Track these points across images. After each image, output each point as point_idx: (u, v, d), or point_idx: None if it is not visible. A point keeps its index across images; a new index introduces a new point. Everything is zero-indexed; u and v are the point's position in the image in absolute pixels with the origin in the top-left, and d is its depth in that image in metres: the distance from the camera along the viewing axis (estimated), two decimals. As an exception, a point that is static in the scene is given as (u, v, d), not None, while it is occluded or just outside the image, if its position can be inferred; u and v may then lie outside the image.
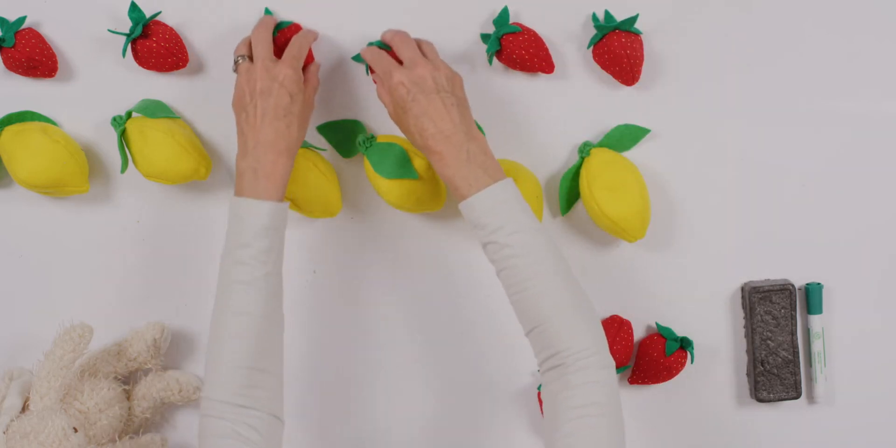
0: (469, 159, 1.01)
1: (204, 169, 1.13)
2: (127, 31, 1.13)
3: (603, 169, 1.13)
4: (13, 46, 1.12)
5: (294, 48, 1.08)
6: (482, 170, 1.01)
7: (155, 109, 1.14)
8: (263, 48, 1.07)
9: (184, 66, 1.14)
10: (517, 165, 1.14)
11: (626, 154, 1.16)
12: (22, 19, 1.13)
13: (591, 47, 1.13)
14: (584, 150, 1.15)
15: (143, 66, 1.14)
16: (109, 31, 1.13)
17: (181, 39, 1.13)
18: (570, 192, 1.16)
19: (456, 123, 1.02)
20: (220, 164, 1.18)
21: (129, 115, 1.13)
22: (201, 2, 1.15)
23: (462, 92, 1.06)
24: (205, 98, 1.16)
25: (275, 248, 1.02)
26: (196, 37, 1.15)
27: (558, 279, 0.98)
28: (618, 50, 1.11)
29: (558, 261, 0.99)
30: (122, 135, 1.13)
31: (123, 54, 1.13)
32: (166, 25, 1.13)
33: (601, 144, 1.15)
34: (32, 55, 1.13)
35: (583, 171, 1.14)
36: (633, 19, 1.11)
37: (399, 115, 1.04)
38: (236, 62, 1.08)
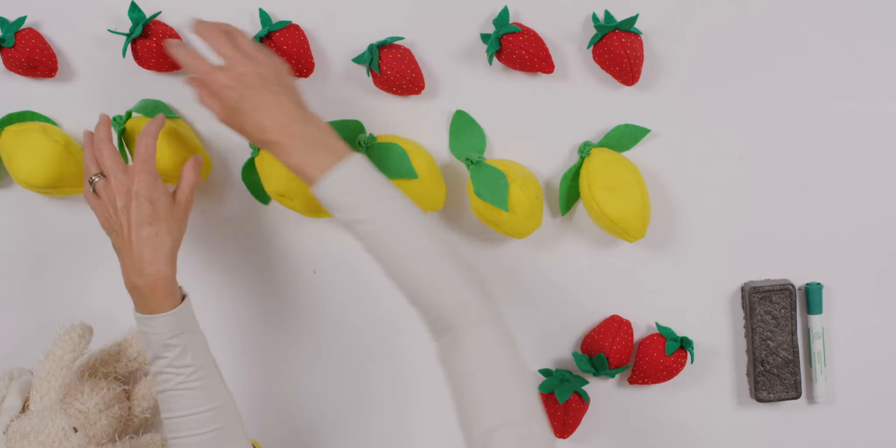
0: (311, 144, 0.99)
1: (204, 169, 1.13)
2: (127, 32, 1.13)
3: (603, 169, 1.13)
4: (13, 46, 1.12)
5: (141, 150, 1.05)
6: (326, 151, 0.99)
7: (155, 109, 1.14)
8: (111, 161, 1.05)
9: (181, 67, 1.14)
10: (517, 165, 1.14)
11: (626, 154, 1.16)
12: (22, 19, 1.13)
13: (591, 47, 1.13)
14: (584, 150, 1.15)
15: (143, 66, 1.14)
16: (109, 31, 1.13)
17: (181, 39, 1.13)
18: (570, 192, 1.16)
19: (290, 111, 1.00)
20: (221, 164, 1.17)
21: (129, 115, 1.13)
22: (201, 2, 1.15)
23: (289, 79, 1.04)
24: (208, 113, 1.16)
25: (190, 347, 1.04)
26: (196, 37, 1.15)
27: (429, 243, 0.98)
28: (618, 50, 1.11)
29: (424, 225, 0.99)
30: (122, 135, 1.13)
31: (123, 54, 1.13)
32: (166, 25, 1.13)
33: (601, 144, 1.15)
34: (32, 55, 1.13)
35: (583, 171, 1.14)
36: (633, 19, 1.11)
37: (232, 116, 1.01)
38: (91, 183, 1.06)
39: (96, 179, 1.05)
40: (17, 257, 1.19)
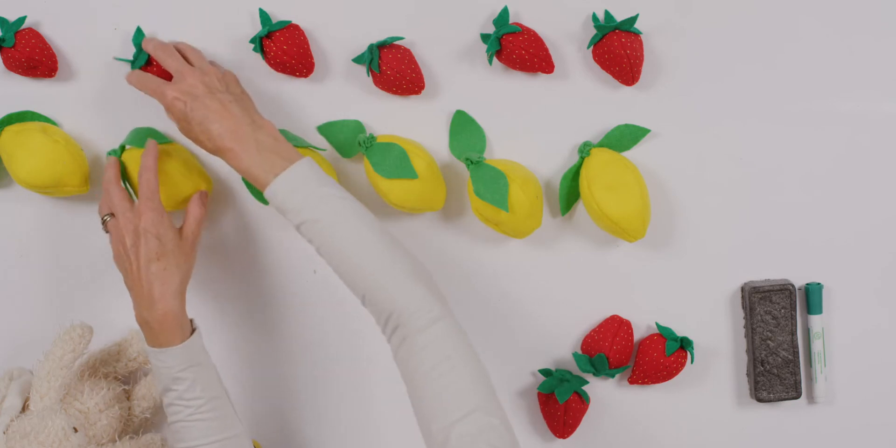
0: (260, 148, 1.02)
1: (205, 188, 1.13)
2: (131, 59, 1.13)
3: (603, 169, 1.13)
4: (13, 46, 1.12)
5: (143, 187, 1.07)
6: (276, 155, 1.02)
7: (146, 139, 1.13)
8: (118, 200, 1.08)
9: None
10: (517, 165, 1.14)
11: (626, 154, 1.16)
12: (22, 19, 1.13)
13: (591, 47, 1.13)
14: (584, 150, 1.15)
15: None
16: (116, 58, 1.14)
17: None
18: (570, 192, 1.16)
19: (238, 118, 1.03)
20: (221, 164, 1.17)
21: (122, 148, 1.13)
22: (201, 2, 1.15)
23: (237, 87, 1.09)
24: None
25: (199, 380, 1.05)
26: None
27: (375, 242, 0.99)
28: (618, 50, 1.11)
29: (370, 224, 1.00)
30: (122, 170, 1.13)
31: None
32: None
33: (601, 144, 1.15)
34: (32, 55, 1.13)
35: (583, 171, 1.14)
36: (633, 19, 1.11)
37: (186, 127, 1.05)
38: (104, 222, 1.09)
39: (108, 219, 1.08)
40: (18, 257, 1.19)
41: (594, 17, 1.13)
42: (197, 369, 1.05)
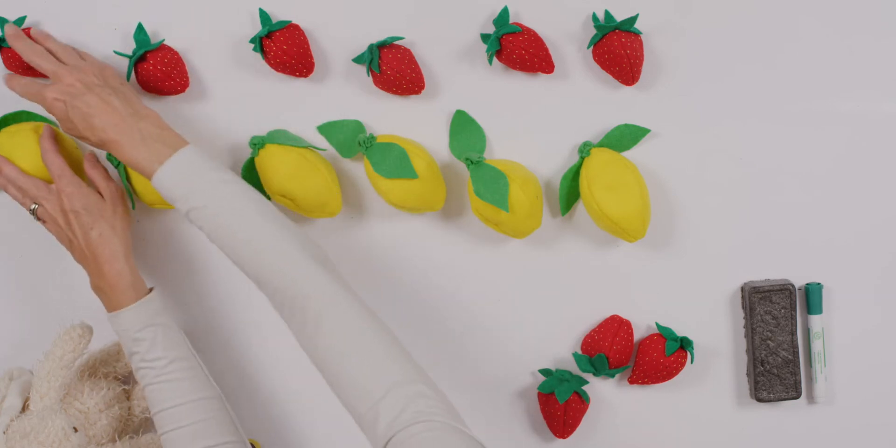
0: (144, 137, 1.02)
1: None
2: (130, 54, 1.13)
3: (603, 169, 1.13)
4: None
5: (52, 168, 1.09)
6: (161, 143, 1.02)
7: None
8: (34, 190, 1.10)
9: (182, 90, 1.14)
10: (517, 165, 1.14)
11: (626, 154, 1.16)
12: (22, 19, 1.13)
13: (591, 47, 1.13)
14: (584, 150, 1.15)
15: (143, 89, 1.14)
16: (115, 52, 1.13)
17: (183, 63, 1.13)
18: (570, 192, 1.16)
19: (119, 109, 1.03)
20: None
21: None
22: (201, 3, 1.15)
23: (116, 80, 1.08)
24: (208, 113, 1.16)
25: (159, 340, 1.07)
26: (197, 60, 1.15)
27: (267, 224, 0.99)
28: (618, 50, 1.11)
29: (261, 206, 1.01)
30: (119, 167, 1.13)
31: (128, 77, 1.12)
32: (170, 49, 1.13)
33: (601, 144, 1.15)
34: None
35: (583, 171, 1.14)
36: (633, 19, 1.11)
37: (70, 127, 1.05)
38: (34, 211, 1.11)
39: (35, 208, 1.10)
40: (18, 257, 1.19)
41: (594, 17, 1.13)
42: (155, 329, 1.07)
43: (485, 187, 1.11)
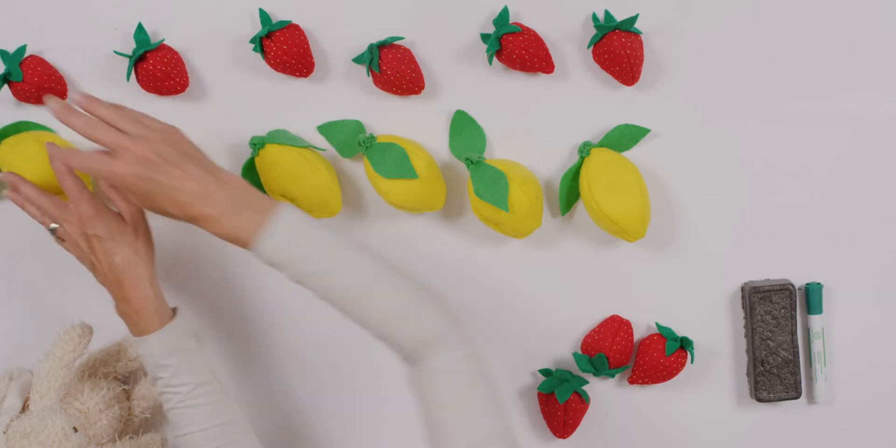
0: (234, 207, 0.96)
1: None
2: (130, 53, 1.13)
3: (603, 169, 1.13)
4: (22, 80, 1.12)
5: (69, 189, 1.04)
6: (252, 209, 0.96)
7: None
8: (53, 209, 1.06)
9: (182, 90, 1.14)
10: (517, 165, 1.14)
11: (626, 154, 1.16)
12: (22, 49, 1.13)
13: (591, 47, 1.13)
14: (584, 150, 1.15)
15: (144, 88, 1.14)
16: (115, 52, 1.13)
17: (183, 63, 1.13)
18: (570, 192, 1.16)
19: (201, 179, 0.96)
20: (220, 164, 1.17)
21: None
22: (201, 3, 1.15)
23: (185, 144, 0.99)
24: (208, 113, 1.16)
25: (184, 366, 1.05)
26: (197, 60, 1.15)
27: (380, 281, 0.97)
28: (618, 50, 1.11)
29: (372, 262, 0.97)
30: None
31: (128, 78, 1.13)
32: (170, 49, 1.13)
33: (601, 144, 1.15)
34: (42, 83, 1.12)
35: (583, 171, 1.14)
36: (633, 19, 1.11)
37: (150, 204, 0.97)
38: (53, 231, 1.07)
39: (55, 227, 1.07)
40: (18, 257, 1.19)
41: (594, 17, 1.13)
42: (180, 355, 1.05)
43: (485, 187, 1.11)
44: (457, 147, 1.16)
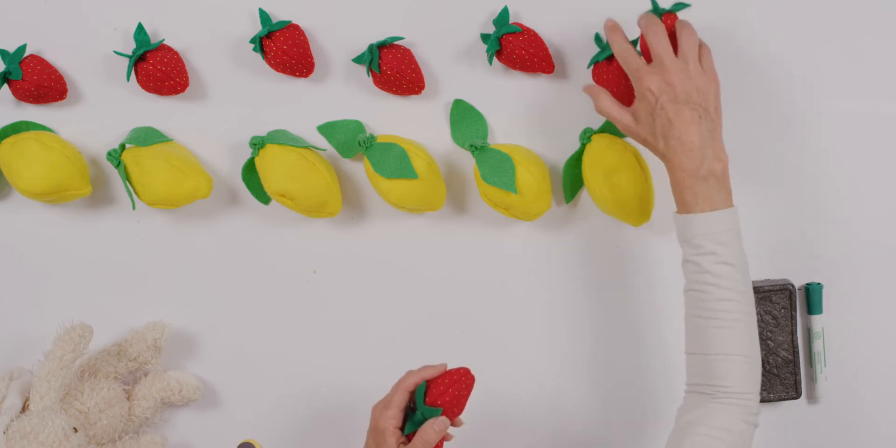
0: (706, 177, 1.00)
1: (205, 186, 1.12)
2: (130, 53, 1.13)
3: (605, 154, 1.12)
4: (21, 79, 1.12)
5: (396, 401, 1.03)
6: (715, 192, 1.01)
7: (146, 137, 1.13)
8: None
9: (182, 90, 1.14)
10: (521, 148, 1.14)
11: (628, 140, 1.15)
12: (22, 48, 1.13)
13: (591, 67, 1.12)
14: (585, 136, 1.14)
15: (143, 89, 1.14)
16: (115, 52, 1.13)
17: (183, 63, 1.13)
18: (573, 180, 1.16)
19: (704, 137, 1.00)
20: (221, 164, 1.17)
21: (122, 147, 1.13)
22: (202, 2, 1.15)
23: (713, 103, 1.02)
24: (208, 113, 1.16)
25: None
26: (197, 60, 1.15)
27: (743, 321, 0.99)
28: (620, 80, 1.10)
29: (749, 302, 1.00)
30: (119, 167, 1.12)
31: (128, 78, 1.13)
32: (170, 49, 1.13)
33: (602, 130, 1.15)
34: (41, 82, 1.12)
35: (585, 158, 1.14)
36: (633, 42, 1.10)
37: (637, 126, 1.03)
38: None
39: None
40: (18, 257, 1.19)
41: (597, 38, 1.12)
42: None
43: (491, 171, 1.10)
44: (459, 135, 1.15)
